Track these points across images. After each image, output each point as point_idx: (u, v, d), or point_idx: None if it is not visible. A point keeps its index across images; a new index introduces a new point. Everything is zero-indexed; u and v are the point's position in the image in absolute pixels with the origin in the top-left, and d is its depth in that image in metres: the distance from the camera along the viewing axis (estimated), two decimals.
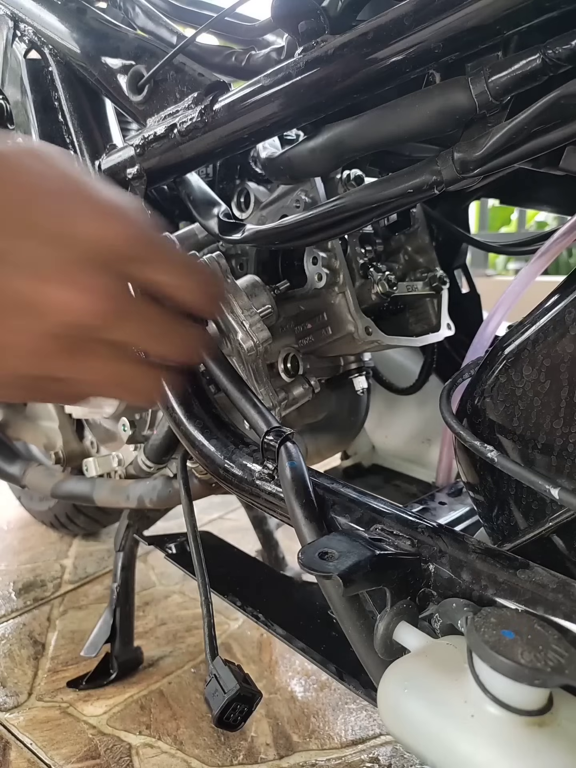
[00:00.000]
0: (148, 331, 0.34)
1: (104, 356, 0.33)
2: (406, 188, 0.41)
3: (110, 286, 0.31)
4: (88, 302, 0.30)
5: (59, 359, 0.31)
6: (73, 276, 0.30)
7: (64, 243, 0.30)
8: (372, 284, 0.62)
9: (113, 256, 0.31)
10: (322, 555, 0.35)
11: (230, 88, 0.49)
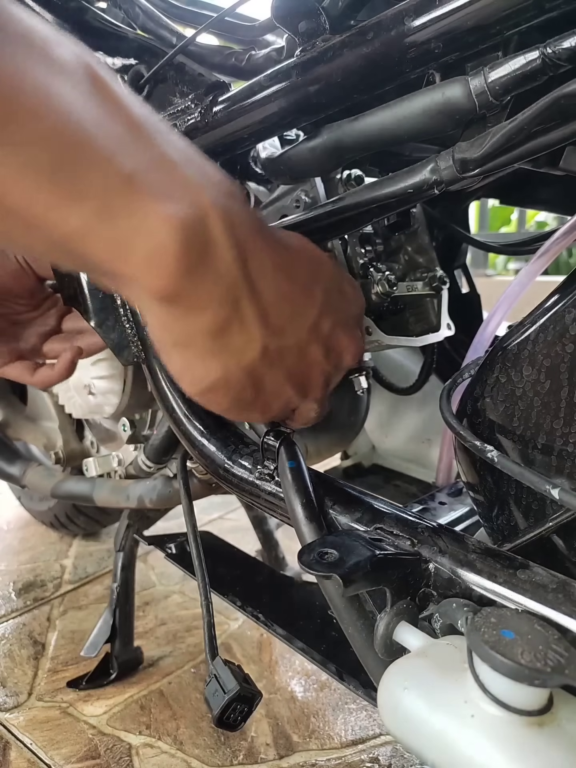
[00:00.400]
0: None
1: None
2: (406, 188, 0.41)
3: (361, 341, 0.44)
4: (359, 349, 0.44)
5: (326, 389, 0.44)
6: (355, 331, 0.43)
7: (351, 307, 0.43)
8: (372, 284, 0.62)
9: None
10: (322, 555, 0.35)
11: (230, 88, 0.49)
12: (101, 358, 0.76)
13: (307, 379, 0.41)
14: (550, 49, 0.32)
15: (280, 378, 0.39)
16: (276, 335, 0.36)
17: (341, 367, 0.43)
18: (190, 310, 0.32)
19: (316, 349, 0.40)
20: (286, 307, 0.37)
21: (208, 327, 0.33)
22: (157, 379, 0.57)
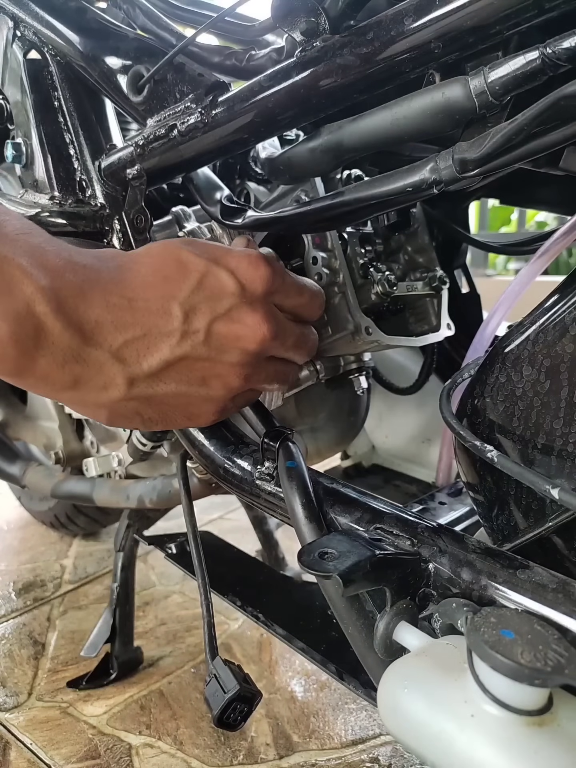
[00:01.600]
0: (294, 340, 0.46)
1: (271, 364, 0.45)
2: (405, 186, 0.41)
3: (269, 315, 0.42)
4: (266, 329, 0.41)
5: (254, 377, 0.44)
6: (251, 315, 0.41)
7: (236, 294, 0.41)
8: (372, 284, 0.62)
9: (262, 293, 0.42)
10: (322, 555, 0.35)
11: (230, 88, 0.49)
12: None
13: (214, 377, 0.41)
14: (550, 49, 0.32)
15: (175, 390, 0.40)
16: (137, 363, 0.38)
17: (252, 350, 0.42)
18: (40, 380, 0.36)
19: (202, 350, 0.40)
20: (137, 338, 0.38)
21: (62, 387, 0.37)
22: None
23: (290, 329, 0.45)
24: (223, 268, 0.42)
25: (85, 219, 0.55)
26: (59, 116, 0.58)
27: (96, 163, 0.57)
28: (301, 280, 0.48)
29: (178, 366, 0.40)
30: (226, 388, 0.42)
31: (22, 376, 0.36)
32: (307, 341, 0.48)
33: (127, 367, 0.38)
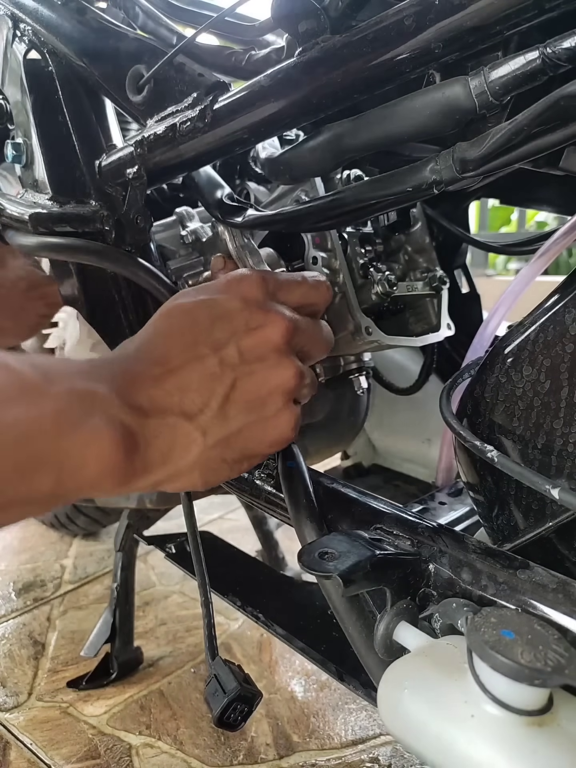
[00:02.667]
0: (311, 335, 0.46)
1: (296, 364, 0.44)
2: (406, 186, 0.41)
3: (280, 310, 0.43)
4: (282, 319, 0.42)
5: (301, 368, 0.44)
6: (265, 315, 0.42)
7: (242, 308, 0.42)
8: (372, 284, 0.62)
9: (263, 296, 0.43)
10: (322, 555, 0.35)
11: (230, 88, 0.49)
12: None
13: (269, 391, 0.42)
14: (550, 49, 0.32)
15: (244, 420, 0.42)
16: (201, 411, 0.40)
17: (283, 342, 0.43)
18: (141, 475, 0.38)
19: (245, 369, 0.41)
20: (188, 391, 0.40)
21: (158, 469, 0.39)
22: None
23: (304, 321, 0.46)
24: (220, 296, 0.43)
25: (85, 219, 0.55)
26: (59, 116, 0.58)
27: (96, 163, 0.57)
28: (297, 273, 0.49)
29: (234, 397, 0.41)
30: (286, 393, 0.43)
31: (129, 483, 0.38)
32: (322, 332, 0.49)
33: (194, 420, 0.39)
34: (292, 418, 0.43)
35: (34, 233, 0.56)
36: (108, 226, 0.56)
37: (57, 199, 0.57)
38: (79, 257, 0.54)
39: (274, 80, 0.43)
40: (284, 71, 0.42)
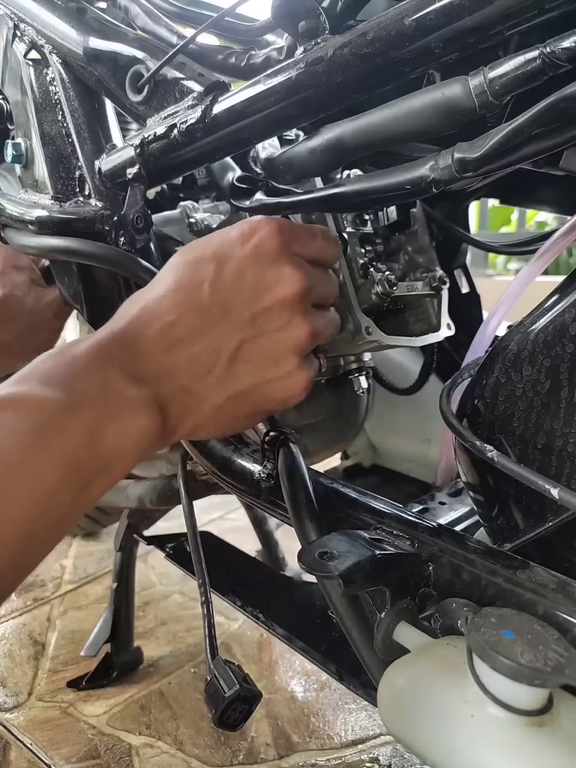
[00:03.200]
0: (322, 282, 0.45)
1: (319, 310, 0.45)
2: (404, 183, 0.41)
3: (297, 264, 0.42)
4: (300, 276, 0.41)
5: (315, 326, 0.43)
6: (278, 272, 0.41)
7: (255, 262, 0.41)
8: (372, 284, 0.62)
9: (279, 247, 0.42)
10: (322, 555, 0.35)
11: (230, 88, 0.49)
12: None
13: (282, 350, 0.42)
14: (550, 49, 0.32)
15: (254, 380, 0.42)
16: (208, 372, 0.40)
17: (298, 301, 0.42)
18: (175, 432, 0.40)
19: (253, 329, 0.41)
20: (195, 353, 0.40)
21: (180, 427, 0.41)
22: None
23: (318, 276, 0.45)
24: (231, 244, 0.41)
25: (85, 219, 0.55)
26: (59, 116, 0.58)
27: (96, 163, 0.57)
28: (312, 225, 0.48)
29: (242, 357, 0.40)
30: (298, 353, 0.42)
31: (162, 446, 0.40)
32: (332, 284, 0.48)
33: (203, 381, 0.40)
34: (304, 377, 0.42)
35: (35, 233, 0.56)
36: (108, 226, 0.56)
37: (57, 199, 0.57)
38: (79, 257, 0.54)
39: (274, 80, 0.43)
40: (284, 71, 0.42)
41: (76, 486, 0.34)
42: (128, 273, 0.54)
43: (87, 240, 0.54)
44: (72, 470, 0.33)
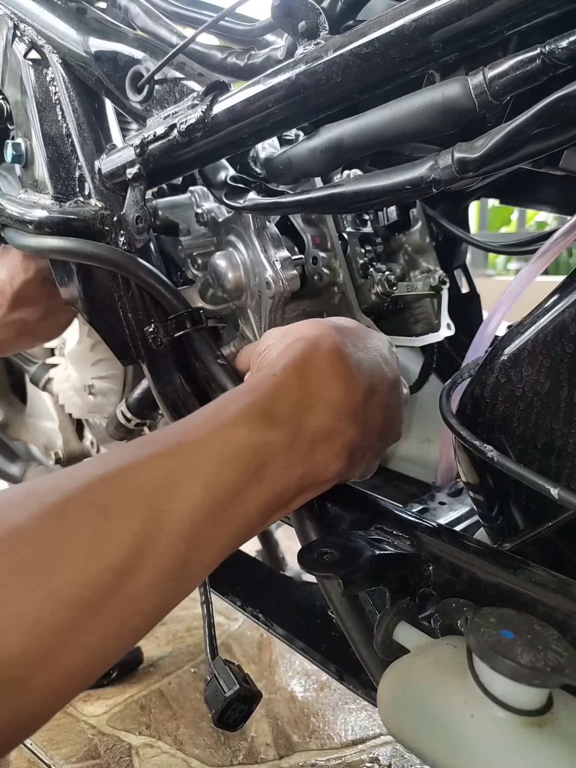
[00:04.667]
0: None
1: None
2: (404, 183, 0.41)
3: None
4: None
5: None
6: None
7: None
8: (372, 284, 0.62)
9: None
10: (322, 555, 0.35)
11: (230, 88, 0.49)
12: (101, 358, 0.76)
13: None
14: (550, 49, 0.32)
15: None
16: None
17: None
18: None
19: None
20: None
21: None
22: (157, 380, 0.57)
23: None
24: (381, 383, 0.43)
25: (85, 219, 0.55)
26: (59, 116, 0.58)
27: (96, 163, 0.57)
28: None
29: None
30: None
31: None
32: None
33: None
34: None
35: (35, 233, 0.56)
36: (108, 226, 0.56)
37: (57, 200, 0.57)
38: (79, 258, 0.54)
39: (274, 80, 0.43)
40: (284, 71, 0.42)
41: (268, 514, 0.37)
42: (128, 273, 0.54)
43: (87, 240, 0.54)
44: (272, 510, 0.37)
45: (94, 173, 0.57)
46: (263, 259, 0.55)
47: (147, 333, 0.56)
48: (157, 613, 0.33)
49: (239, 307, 0.60)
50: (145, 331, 0.56)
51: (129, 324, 0.57)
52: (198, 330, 0.54)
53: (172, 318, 0.54)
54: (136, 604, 0.30)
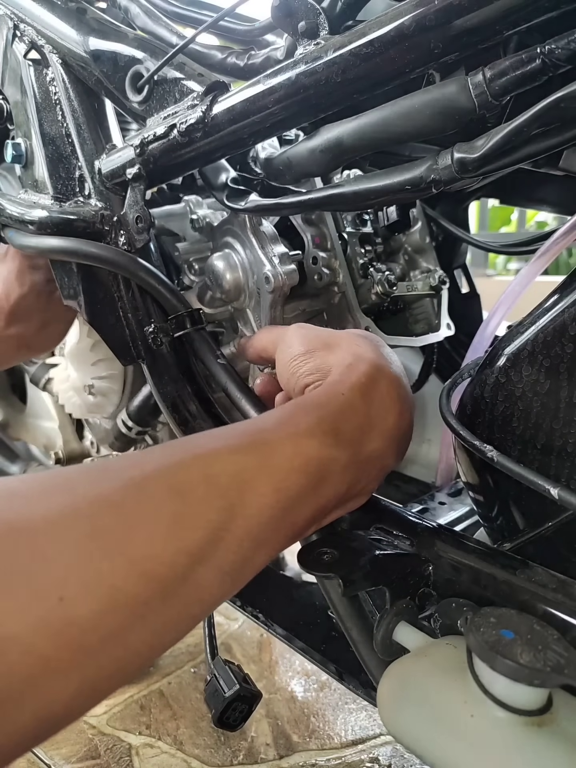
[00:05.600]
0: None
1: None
2: (404, 184, 0.41)
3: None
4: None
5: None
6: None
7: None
8: (372, 284, 0.62)
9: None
10: (322, 555, 0.35)
11: (230, 88, 0.49)
12: (101, 358, 0.76)
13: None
14: (550, 49, 0.32)
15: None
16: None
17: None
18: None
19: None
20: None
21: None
22: (157, 380, 0.57)
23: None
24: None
25: (85, 219, 0.55)
26: (59, 116, 0.58)
27: (96, 163, 0.57)
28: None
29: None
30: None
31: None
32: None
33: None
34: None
35: (35, 233, 0.56)
36: (108, 226, 0.56)
37: (57, 199, 0.57)
38: (79, 258, 0.54)
39: (274, 80, 0.43)
40: (284, 71, 0.42)
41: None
42: (128, 273, 0.54)
43: (87, 240, 0.54)
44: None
45: (94, 173, 0.57)
46: (261, 255, 0.56)
47: (147, 333, 0.56)
48: (210, 608, 0.32)
49: (237, 309, 0.60)
50: (145, 331, 0.56)
51: (129, 324, 0.57)
52: (198, 330, 0.54)
53: (172, 318, 0.54)
54: (200, 593, 0.30)
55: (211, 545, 0.30)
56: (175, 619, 0.29)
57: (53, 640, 0.24)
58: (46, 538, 0.26)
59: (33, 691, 0.23)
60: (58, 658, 0.24)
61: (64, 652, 0.24)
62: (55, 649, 0.24)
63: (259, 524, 0.32)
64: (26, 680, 0.23)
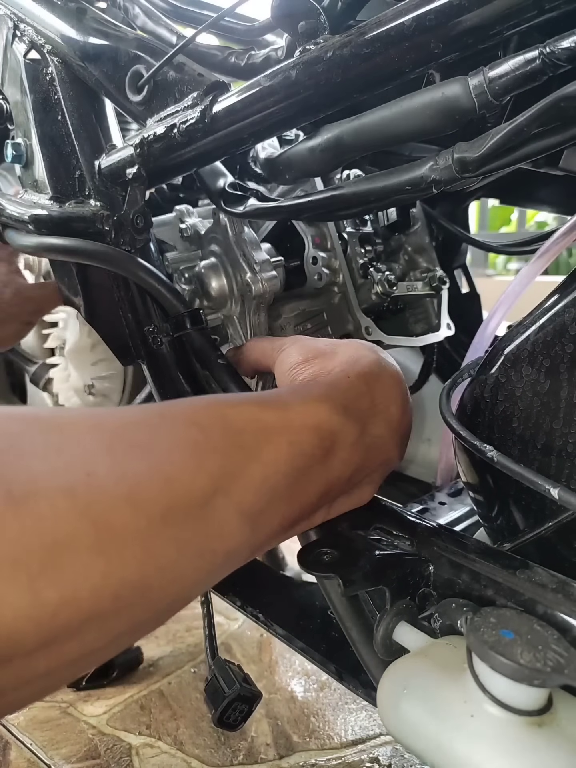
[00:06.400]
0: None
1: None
2: (404, 184, 0.41)
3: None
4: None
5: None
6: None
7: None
8: (372, 284, 0.62)
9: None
10: (322, 555, 0.35)
11: (230, 88, 0.49)
12: (101, 359, 0.77)
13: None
14: (550, 49, 0.32)
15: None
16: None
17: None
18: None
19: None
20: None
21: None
22: (157, 380, 0.57)
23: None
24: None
25: (84, 219, 0.55)
26: (59, 116, 0.58)
27: (96, 163, 0.57)
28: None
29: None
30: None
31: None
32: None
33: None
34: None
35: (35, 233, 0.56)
36: (108, 226, 0.56)
37: (57, 199, 0.57)
38: (79, 257, 0.54)
39: (274, 80, 0.43)
40: (284, 71, 0.42)
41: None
42: (128, 273, 0.54)
43: (86, 240, 0.54)
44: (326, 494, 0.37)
45: (93, 173, 0.57)
46: (242, 262, 0.57)
47: (147, 333, 0.56)
48: (228, 553, 0.31)
49: (226, 316, 0.61)
50: (145, 331, 0.56)
51: (129, 324, 0.57)
52: (198, 330, 0.54)
53: (172, 318, 0.54)
54: (220, 526, 0.29)
55: (229, 478, 0.30)
56: (195, 544, 0.28)
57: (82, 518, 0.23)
58: (70, 437, 0.26)
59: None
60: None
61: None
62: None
63: (276, 473, 0.32)
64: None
